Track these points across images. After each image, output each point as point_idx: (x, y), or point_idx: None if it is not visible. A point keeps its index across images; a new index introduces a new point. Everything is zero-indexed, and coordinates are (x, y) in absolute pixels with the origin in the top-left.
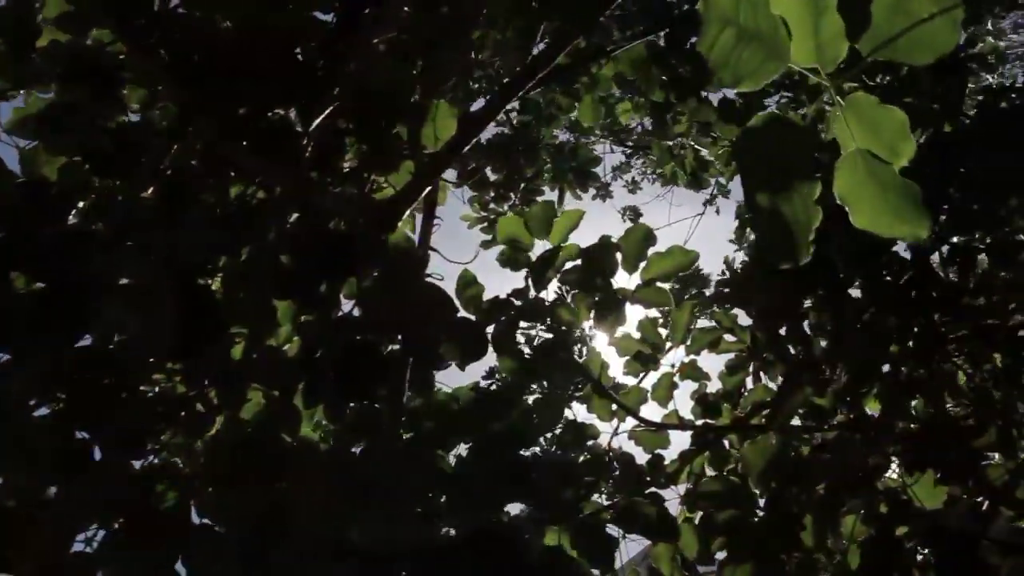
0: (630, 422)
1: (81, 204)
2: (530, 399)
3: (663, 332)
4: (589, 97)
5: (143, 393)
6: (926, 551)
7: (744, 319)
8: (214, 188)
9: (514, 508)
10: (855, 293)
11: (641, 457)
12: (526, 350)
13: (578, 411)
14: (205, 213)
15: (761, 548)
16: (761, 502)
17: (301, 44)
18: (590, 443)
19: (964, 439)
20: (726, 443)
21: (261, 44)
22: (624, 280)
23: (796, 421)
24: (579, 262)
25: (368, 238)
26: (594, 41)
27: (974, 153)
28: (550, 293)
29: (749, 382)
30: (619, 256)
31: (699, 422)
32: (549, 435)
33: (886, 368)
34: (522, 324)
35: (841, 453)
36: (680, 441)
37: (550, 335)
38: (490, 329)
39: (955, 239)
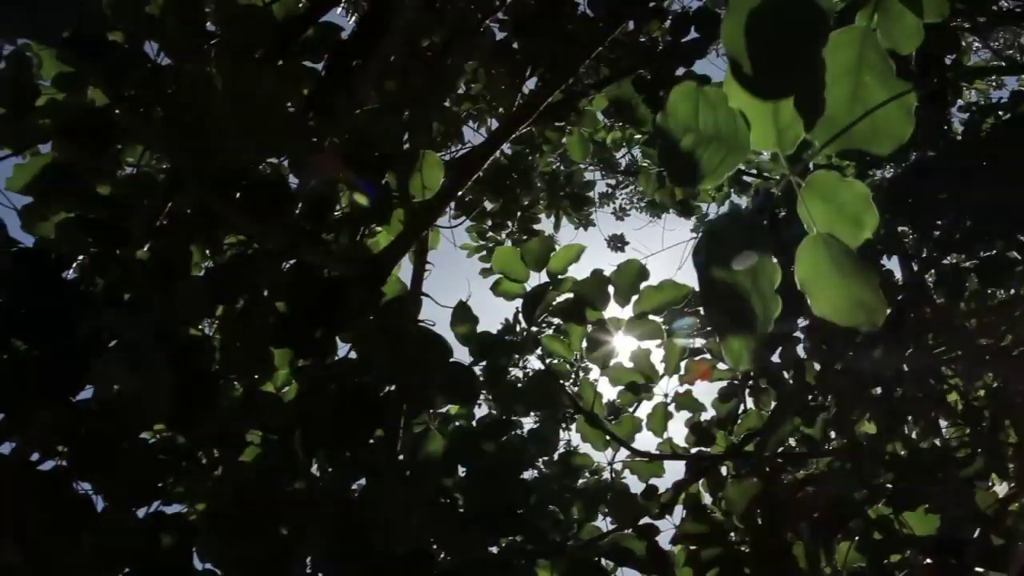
0: (627, 451)
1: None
2: (523, 431)
3: (656, 362)
4: (578, 132)
5: (144, 442)
6: None
7: None
8: (207, 242)
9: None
10: None
11: (637, 486)
12: (518, 382)
13: (574, 441)
14: (200, 272)
15: None
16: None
17: (292, 96)
18: (584, 473)
19: (954, 467)
20: (723, 470)
21: (253, 97)
22: (616, 310)
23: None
24: (571, 295)
25: (360, 290)
26: (583, 83)
27: (959, 175)
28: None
29: (743, 408)
30: (611, 290)
31: (693, 450)
32: (542, 466)
33: (879, 390)
34: (514, 356)
35: (833, 482)
36: (676, 470)
37: (541, 366)
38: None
39: (945, 261)
